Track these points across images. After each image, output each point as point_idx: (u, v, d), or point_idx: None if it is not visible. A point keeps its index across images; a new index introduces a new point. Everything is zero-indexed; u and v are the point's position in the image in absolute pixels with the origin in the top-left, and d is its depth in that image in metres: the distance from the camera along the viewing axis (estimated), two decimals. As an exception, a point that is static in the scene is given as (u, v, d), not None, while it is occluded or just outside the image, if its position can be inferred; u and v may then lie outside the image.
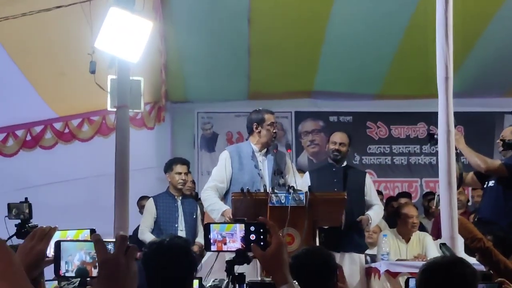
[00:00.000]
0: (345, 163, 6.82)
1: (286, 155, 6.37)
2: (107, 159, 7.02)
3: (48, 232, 2.26)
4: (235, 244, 3.30)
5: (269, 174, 6.01)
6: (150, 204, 7.39)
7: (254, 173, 6.00)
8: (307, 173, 6.89)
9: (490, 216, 6.08)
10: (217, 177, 6.11)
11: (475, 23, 8.61)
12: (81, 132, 9.98)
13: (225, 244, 3.30)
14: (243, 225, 3.31)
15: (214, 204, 5.94)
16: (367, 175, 6.94)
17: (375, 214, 6.61)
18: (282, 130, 10.59)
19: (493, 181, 6.23)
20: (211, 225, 3.36)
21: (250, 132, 6.22)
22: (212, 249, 3.36)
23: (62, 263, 1.94)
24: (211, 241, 3.31)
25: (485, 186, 6.39)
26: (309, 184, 6.13)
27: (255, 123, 6.15)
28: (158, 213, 7.26)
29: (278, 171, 5.95)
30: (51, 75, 8.36)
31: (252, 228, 3.35)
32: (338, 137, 6.82)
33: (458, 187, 6.29)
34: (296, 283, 3.25)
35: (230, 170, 6.05)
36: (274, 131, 6.14)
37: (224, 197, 6.10)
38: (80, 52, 7.15)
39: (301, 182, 6.14)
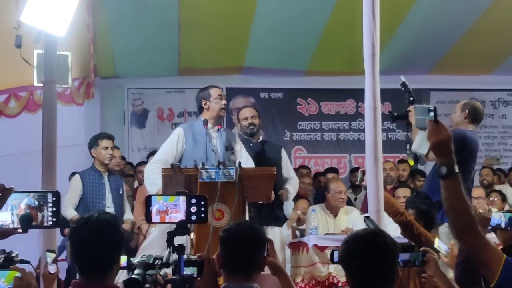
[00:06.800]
0: (261, 138, 6.94)
1: (236, 134, 6.52)
2: (35, 135, 6.88)
3: (3, 193, 2.27)
4: (178, 214, 3.30)
5: (221, 150, 6.04)
6: (76, 181, 7.25)
7: (208, 149, 5.98)
8: None
9: (426, 191, 6.20)
10: (168, 151, 6.08)
11: (402, 1, 8.74)
12: (8, 108, 9.74)
13: (167, 214, 3.30)
14: (184, 197, 3.31)
15: (156, 178, 5.78)
16: (282, 149, 7.07)
17: (293, 187, 6.84)
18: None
19: None
20: (152, 196, 3.34)
21: (200, 110, 6.26)
22: (154, 220, 3.35)
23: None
24: (155, 211, 3.29)
25: None
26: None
27: (202, 100, 6.19)
28: (85, 189, 7.13)
29: (229, 147, 6.02)
30: (-26, 49, 8.12)
31: (193, 201, 3.34)
32: (247, 111, 6.98)
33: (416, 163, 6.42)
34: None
35: (182, 146, 6.06)
36: (223, 102, 6.20)
37: None
38: (5, 26, 6.97)
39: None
